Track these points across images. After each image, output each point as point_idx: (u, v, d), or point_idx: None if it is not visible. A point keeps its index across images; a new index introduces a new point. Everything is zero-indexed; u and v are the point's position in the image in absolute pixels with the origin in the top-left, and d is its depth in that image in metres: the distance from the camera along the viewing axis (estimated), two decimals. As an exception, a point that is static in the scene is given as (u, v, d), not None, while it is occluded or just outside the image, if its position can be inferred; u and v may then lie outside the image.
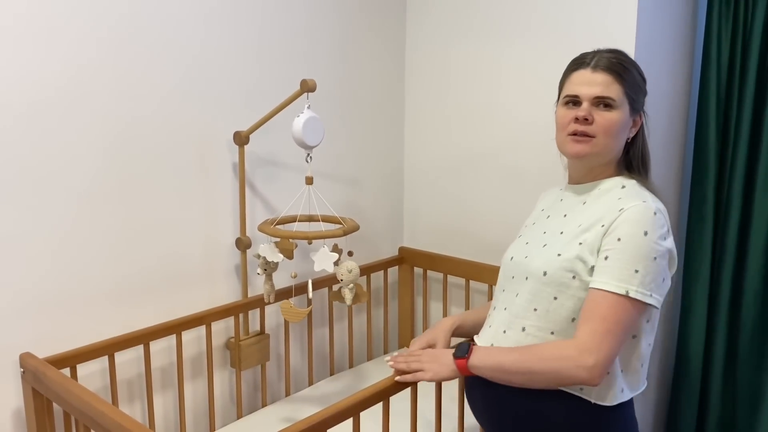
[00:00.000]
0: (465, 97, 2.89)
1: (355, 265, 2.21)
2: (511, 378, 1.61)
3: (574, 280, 1.58)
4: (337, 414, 1.69)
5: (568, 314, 1.60)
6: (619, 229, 1.53)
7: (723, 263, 2.58)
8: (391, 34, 3.00)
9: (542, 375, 1.55)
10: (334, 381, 2.76)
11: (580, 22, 2.47)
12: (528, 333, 1.65)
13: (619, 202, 1.58)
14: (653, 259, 1.51)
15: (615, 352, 1.51)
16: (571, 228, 1.65)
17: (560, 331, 1.61)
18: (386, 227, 3.13)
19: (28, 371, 1.90)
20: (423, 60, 3.02)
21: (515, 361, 1.59)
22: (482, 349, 1.68)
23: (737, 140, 2.51)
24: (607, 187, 1.67)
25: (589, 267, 1.57)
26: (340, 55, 2.78)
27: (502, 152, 2.79)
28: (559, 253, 1.61)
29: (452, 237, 3.02)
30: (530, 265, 1.67)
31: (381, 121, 3.02)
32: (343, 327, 2.92)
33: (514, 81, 2.71)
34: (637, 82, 1.64)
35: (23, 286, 1.97)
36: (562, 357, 1.52)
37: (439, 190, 3.05)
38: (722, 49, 2.54)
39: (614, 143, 1.64)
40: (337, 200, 2.80)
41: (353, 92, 2.86)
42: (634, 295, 1.50)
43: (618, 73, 1.61)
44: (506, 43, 2.70)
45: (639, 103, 1.66)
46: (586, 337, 1.50)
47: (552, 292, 1.61)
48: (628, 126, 1.65)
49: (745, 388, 2.60)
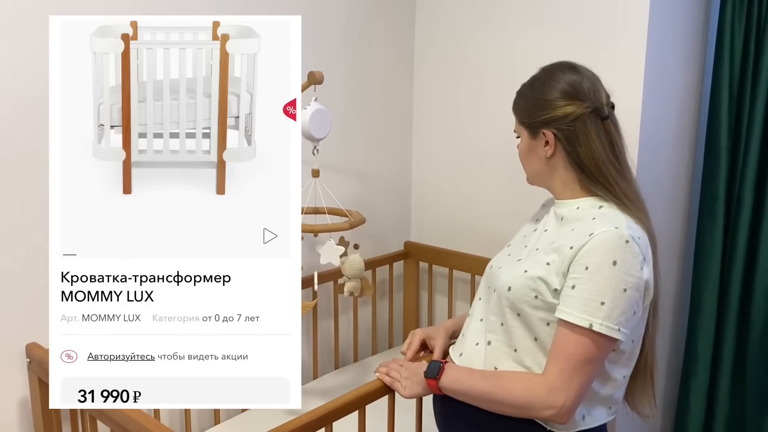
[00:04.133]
0: (474, 92, 2.87)
1: (359, 258, 2.19)
2: (480, 404, 1.58)
3: (536, 300, 1.53)
4: (343, 407, 1.67)
5: (531, 333, 1.56)
6: (587, 257, 1.46)
7: (733, 261, 2.56)
8: (400, 27, 2.98)
9: (510, 407, 1.52)
10: (339, 374, 2.75)
11: (593, 16, 2.45)
12: (494, 347, 1.62)
13: (591, 224, 1.51)
14: (623, 290, 1.44)
15: (585, 389, 1.48)
16: (545, 245, 1.60)
17: (523, 348, 1.57)
18: (392, 222, 3.12)
19: (35, 361, 1.89)
20: (432, 54, 3.01)
21: (484, 390, 1.55)
22: (453, 371, 1.64)
23: (749, 137, 2.49)
24: (584, 206, 1.60)
25: (552, 289, 1.51)
26: (347, 48, 2.76)
27: (511, 148, 2.76)
28: (525, 269, 1.57)
29: (459, 232, 3.00)
30: (499, 278, 1.63)
31: (389, 115, 3.00)
32: (348, 320, 2.91)
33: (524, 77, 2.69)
34: (524, 104, 1.68)
35: (29, 276, 1.96)
36: (532, 394, 1.48)
37: (447, 185, 3.03)
38: (735, 45, 2.51)
39: (528, 167, 1.72)
40: (343, 194, 2.78)
41: (361, 86, 2.85)
42: (598, 329, 1.43)
43: (514, 104, 1.73)
44: (517, 38, 2.68)
45: (533, 123, 1.63)
46: (555, 377, 1.46)
47: (514, 308, 1.57)
48: (534, 147, 1.66)
49: (754, 387, 2.57)
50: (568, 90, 1.60)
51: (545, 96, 1.62)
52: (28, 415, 2.00)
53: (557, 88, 1.61)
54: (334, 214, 2.33)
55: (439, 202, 3.07)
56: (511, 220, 2.79)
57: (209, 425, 2.40)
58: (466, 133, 2.92)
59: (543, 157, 1.64)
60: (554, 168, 1.64)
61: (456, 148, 2.97)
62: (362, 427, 1.74)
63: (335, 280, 2.71)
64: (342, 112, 2.75)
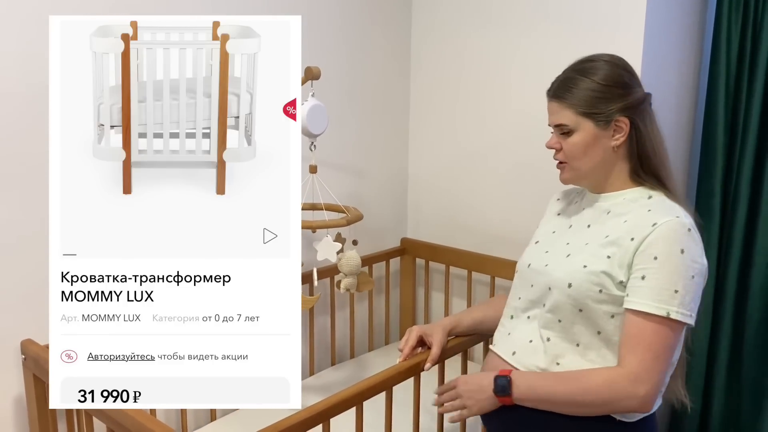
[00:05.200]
0: (470, 89, 2.87)
1: (356, 255, 2.19)
2: (558, 408, 1.57)
3: (600, 294, 1.54)
4: (340, 403, 1.68)
5: (594, 327, 1.57)
6: (654, 247, 1.48)
7: (729, 257, 2.57)
8: (397, 24, 2.98)
9: (593, 406, 1.53)
10: (336, 371, 2.75)
11: (590, 14, 2.45)
12: (553, 343, 1.63)
13: (649, 215, 1.53)
14: (691, 277, 1.48)
15: (664, 376, 1.50)
16: (596, 239, 1.60)
17: (586, 343, 1.59)
18: (389, 218, 3.12)
19: (29, 358, 1.89)
20: (428, 51, 3.00)
21: (564, 393, 1.55)
22: (521, 380, 1.61)
23: (746, 134, 2.49)
24: (632, 197, 1.62)
25: (617, 281, 1.53)
26: (344, 45, 2.76)
27: (507, 145, 2.78)
28: (585, 265, 1.57)
29: (455, 229, 3.00)
30: (553, 276, 1.63)
31: (386, 111, 3.00)
32: (344, 317, 2.91)
33: (521, 74, 2.70)
34: (595, 93, 1.58)
35: (24, 273, 1.96)
36: (615, 388, 1.49)
37: (444, 182, 3.03)
38: (732, 42, 2.52)
39: (588, 162, 1.62)
40: (340, 190, 2.78)
41: (358, 82, 2.85)
42: (675, 317, 1.46)
43: (562, 97, 1.61)
44: (513, 35, 2.68)
45: (608, 111, 1.58)
46: (636, 367, 1.47)
47: (577, 304, 1.57)
48: (600, 138, 1.59)
49: (749, 383, 2.58)
50: (633, 75, 1.62)
51: (617, 82, 1.59)
52: (24, 413, 2.00)
53: (624, 75, 1.61)
54: (331, 210, 2.33)
55: (436, 199, 3.08)
56: (509, 217, 2.80)
57: (206, 422, 2.41)
58: (462, 129, 2.92)
59: (609, 147, 1.60)
60: (615, 158, 1.62)
61: (453, 145, 2.97)
62: (360, 423, 1.75)
63: (332, 276, 2.71)
64: (339, 108, 2.75)
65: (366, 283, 2.28)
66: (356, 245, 2.28)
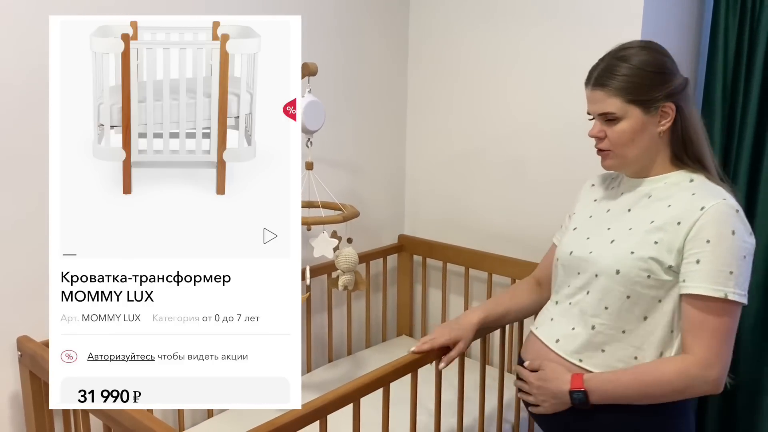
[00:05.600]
0: (468, 86, 2.87)
1: (353, 251, 2.20)
2: (633, 403, 1.61)
3: (649, 279, 1.57)
4: (337, 400, 1.68)
5: (641, 313, 1.60)
6: (706, 231, 1.51)
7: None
8: (394, 21, 2.98)
9: (668, 396, 1.57)
10: (333, 368, 2.76)
11: (587, 11, 2.46)
12: (598, 331, 1.65)
13: (694, 198, 1.56)
14: (743, 257, 1.51)
15: (730, 357, 1.54)
16: (641, 224, 1.62)
17: (632, 330, 1.61)
18: (387, 215, 3.12)
19: (26, 354, 1.89)
20: (426, 48, 3.01)
21: (639, 392, 1.59)
22: (596, 386, 1.62)
23: (743, 131, 2.50)
24: (674, 180, 1.64)
25: (666, 266, 1.55)
26: (341, 40, 2.76)
27: (505, 142, 2.78)
28: (632, 251, 1.59)
29: (453, 226, 3.01)
30: (599, 263, 1.65)
31: (383, 108, 3.01)
32: (341, 314, 2.91)
33: (518, 71, 2.70)
34: (640, 79, 1.58)
35: (20, 269, 1.96)
36: (688, 376, 1.53)
37: (441, 179, 3.04)
38: (729, 38, 2.53)
39: (635, 149, 1.63)
40: (337, 187, 2.78)
41: (355, 78, 2.85)
42: (733, 297, 1.50)
43: (606, 85, 1.60)
44: (510, 32, 2.69)
45: (654, 97, 1.58)
46: (704, 353, 1.52)
47: (625, 290, 1.60)
48: (648, 125, 1.60)
49: (745, 382, 2.59)
50: (672, 60, 1.64)
51: (661, 68, 1.61)
52: (20, 409, 2.01)
53: (667, 60, 1.63)
54: (327, 207, 2.33)
55: (433, 196, 3.08)
56: (506, 214, 2.81)
57: (202, 419, 2.41)
58: (460, 126, 2.92)
59: (655, 133, 1.62)
60: (660, 143, 1.64)
61: (450, 142, 2.98)
62: (357, 420, 1.76)
63: (329, 273, 2.71)
64: (336, 105, 2.75)
65: (360, 283, 2.29)
66: (351, 243, 2.28)
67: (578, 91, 2.55)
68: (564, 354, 1.70)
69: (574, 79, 2.53)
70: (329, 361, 2.84)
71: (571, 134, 2.54)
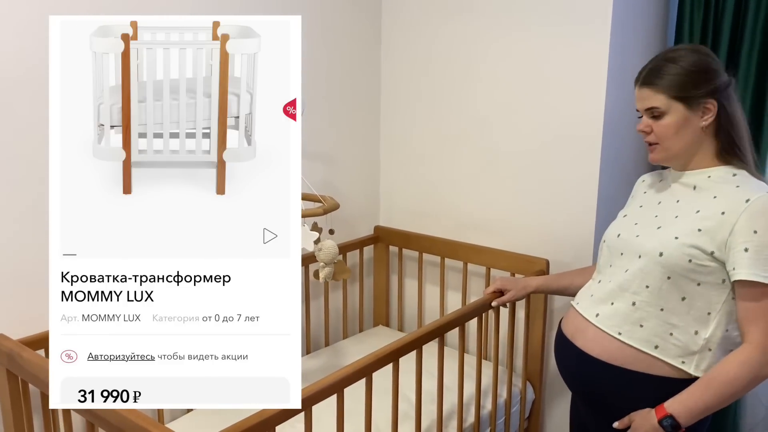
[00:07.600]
0: (440, 78, 2.89)
1: (333, 244, 2.20)
2: (721, 407, 1.69)
3: (690, 263, 1.68)
4: (321, 391, 1.72)
5: (679, 294, 1.71)
6: (753, 221, 1.61)
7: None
8: (367, 12, 2.99)
9: (746, 388, 1.65)
10: (312, 359, 2.77)
11: (557, 6, 2.49)
12: (638, 308, 1.77)
13: (739, 191, 1.67)
14: None
15: None
16: (687, 213, 1.74)
17: (670, 309, 1.73)
18: (362, 207, 3.14)
19: (3, 353, 1.87)
20: (399, 40, 3.01)
21: (716, 400, 1.66)
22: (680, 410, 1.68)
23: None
24: (718, 174, 1.75)
25: (708, 252, 1.66)
26: (314, 32, 2.76)
27: (477, 133, 2.81)
28: (676, 236, 1.71)
29: (428, 216, 3.03)
30: (645, 245, 1.77)
31: (357, 99, 3.01)
32: (319, 305, 2.93)
33: (490, 62, 2.72)
34: (685, 78, 1.70)
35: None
36: (752, 367, 1.62)
37: (416, 170, 3.06)
38: (694, 31, 2.61)
39: (679, 143, 1.75)
40: (312, 179, 2.78)
41: (328, 70, 2.85)
42: None
43: (653, 83, 1.74)
44: (482, 25, 2.71)
45: (697, 94, 1.70)
46: (762, 338, 1.62)
47: (666, 272, 1.71)
48: (692, 120, 1.73)
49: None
50: (717, 61, 1.74)
51: (704, 68, 1.72)
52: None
53: (711, 62, 1.73)
54: (307, 199, 2.33)
55: (408, 187, 3.10)
56: (480, 204, 2.84)
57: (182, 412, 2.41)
58: (433, 117, 2.94)
59: (698, 128, 1.74)
60: (704, 139, 1.76)
61: (424, 133, 3.00)
62: (341, 410, 1.79)
63: (306, 265, 2.72)
64: (310, 97, 2.75)
65: (343, 272, 2.29)
66: (333, 234, 2.29)
67: (548, 82, 2.60)
68: (604, 327, 1.82)
69: (545, 71, 2.57)
70: (308, 352, 2.85)
71: (543, 124, 2.59)
